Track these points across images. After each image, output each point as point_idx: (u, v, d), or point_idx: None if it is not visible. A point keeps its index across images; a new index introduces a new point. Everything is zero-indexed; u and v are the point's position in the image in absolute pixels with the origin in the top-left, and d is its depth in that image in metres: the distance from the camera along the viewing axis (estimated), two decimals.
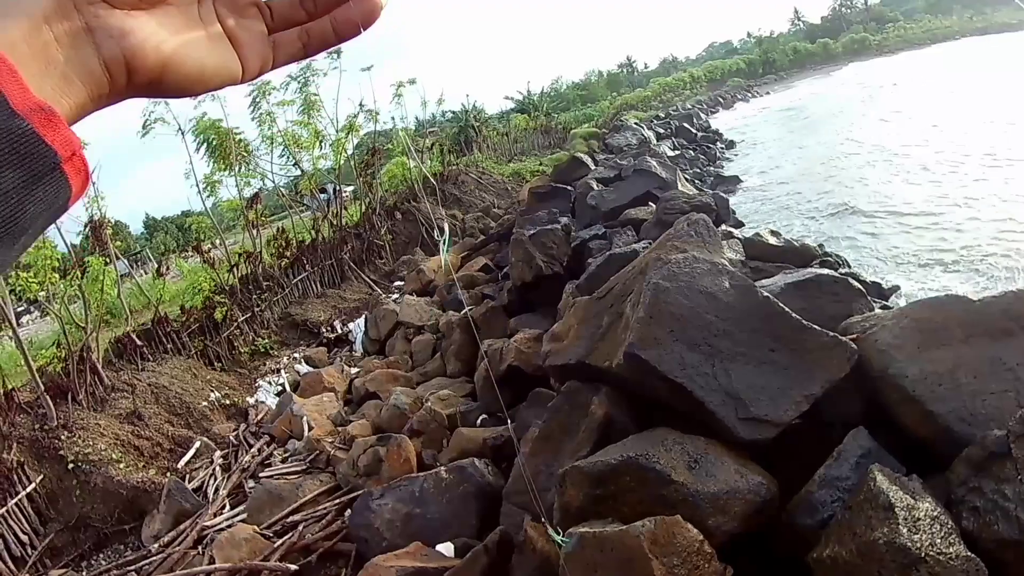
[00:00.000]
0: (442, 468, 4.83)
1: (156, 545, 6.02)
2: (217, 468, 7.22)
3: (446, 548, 4.28)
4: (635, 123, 27.70)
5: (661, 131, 26.95)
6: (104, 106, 0.54)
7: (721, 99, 51.56)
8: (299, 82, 15.37)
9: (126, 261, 15.70)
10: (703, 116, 36.85)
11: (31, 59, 0.47)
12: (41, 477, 6.71)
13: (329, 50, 0.66)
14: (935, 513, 2.41)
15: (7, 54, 0.45)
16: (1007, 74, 25.14)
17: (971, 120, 17.05)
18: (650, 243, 5.11)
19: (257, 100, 14.86)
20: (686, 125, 29.09)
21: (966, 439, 2.76)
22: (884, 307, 4.61)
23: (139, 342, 9.08)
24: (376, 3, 0.62)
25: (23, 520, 6.51)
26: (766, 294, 3.47)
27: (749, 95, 55.94)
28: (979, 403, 2.93)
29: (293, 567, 4.87)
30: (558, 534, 2.55)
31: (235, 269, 11.61)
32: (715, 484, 2.79)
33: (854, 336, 3.38)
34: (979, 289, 6.65)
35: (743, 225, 9.30)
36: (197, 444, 7.73)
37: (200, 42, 0.57)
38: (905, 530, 2.28)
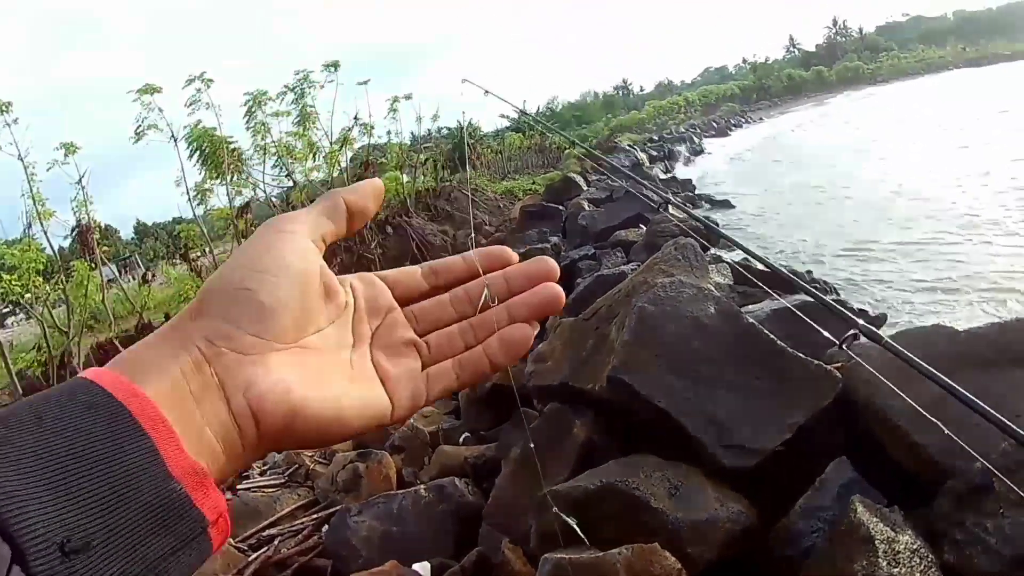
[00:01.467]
0: (421, 486, 4.77)
1: None
2: None
3: (422, 568, 4.21)
4: (629, 145, 27.84)
5: (654, 153, 27.09)
6: (241, 466, 0.53)
7: (715, 124, 51.84)
8: (296, 93, 15.37)
9: (113, 267, 15.60)
10: (696, 140, 37.03)
11: (175, 417, 0.46)
12: None
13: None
14: (915, 546, 2.38)
15: (163, 414, 0.45)
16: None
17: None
18: (639, 265, 5.10)
19: (252, 110, 14.82)
20: (679, 148, 29.23)
21: (949, 471, 2.73)
22: (871, 336, 4.60)
23: (121, 349, 8.98)
24: (526, 333, 0.63)
25: None
26: (751, 320, 3.45)
27: (743, 120, 56.27)
28: (963, 435, 2.91)
29: None
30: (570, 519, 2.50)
31: None
32: (695, 512, 2.75)
33: (839, 364, 3.36)
34: (969, 320, 6.66)
35: (733, 249, 9.28)
36: None
37: (341, 383, 0.55)
38: (885, 563, 2.25)
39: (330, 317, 0.58)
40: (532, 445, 3.83)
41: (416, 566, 4.21)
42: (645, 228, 8.27)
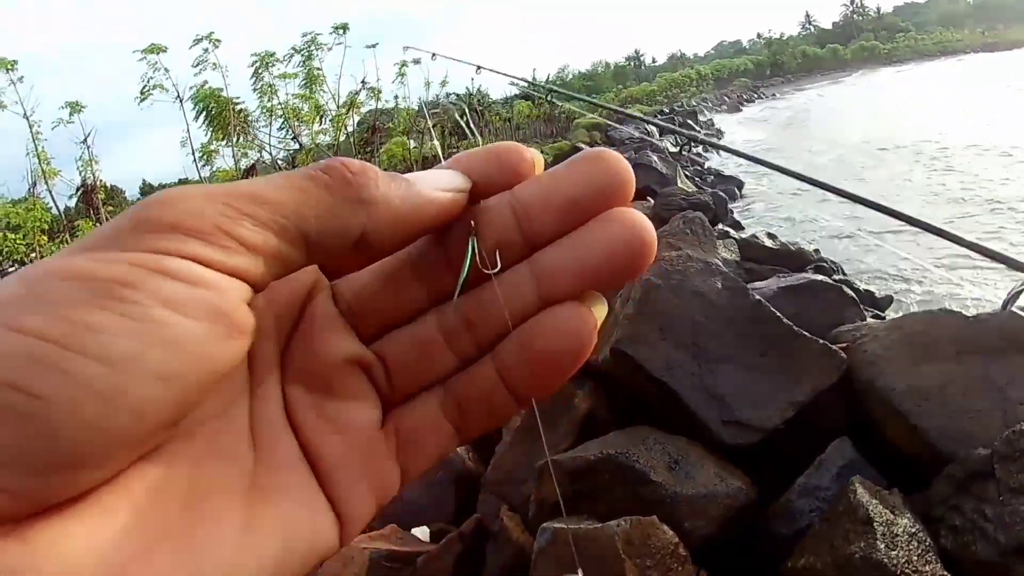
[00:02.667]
0: None
1: None
2: None
3: (421, 532, 4.25)
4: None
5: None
6: None
7: (727, 98, 51.39)
8: (303, 55, 15.23)
9: None
10: (707, 113, 36.73)
11: None
12: None
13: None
14: (913, 530, 2.38)
15: None
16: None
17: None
18: None
19: (259, 71, 14.71)
20: (689, 122, 28.99)
21: (950, 456, 2.73)
22: (877, 317, 4.59)
23: None
24: (587, 324, 0.34)
25: None
26: (758, 297, 3.43)
27: (755, 96, 55.74)
28: (966, 421, 2.90)
29: None
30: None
31: None
32: (694, 486, 2.76)
33: (844, 345, 3.35)
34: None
35: (740, 225, 9.24)
36: None
37: (224, 535, 0.27)
38: (882, 546, 2.25)
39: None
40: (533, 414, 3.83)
41: (415, 530, 4.25)
42: (653, 201, 8.22)
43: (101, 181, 12.43)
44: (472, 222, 0.33)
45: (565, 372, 0.33)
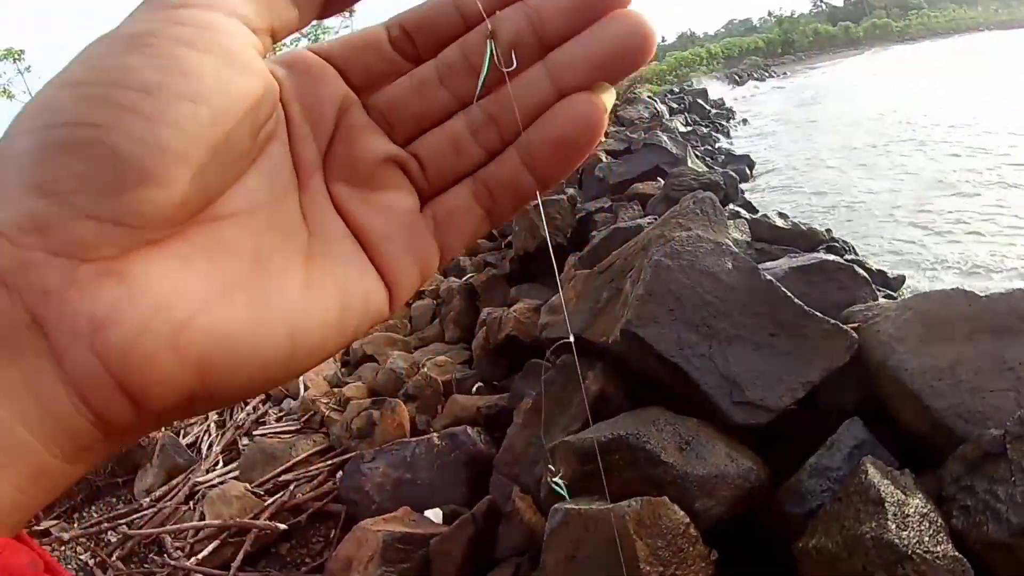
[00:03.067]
0: (434, 435, 4.83)
1: (148, 499, 6.05)
2: (212, 424, 7.24)
3: (434, 514, 4.29)
4: (648, 96, 27.34)
5: (674, 106, 26.61)
6: (99, 459, 0.29)
7: (737, 77, 50.92)
8: (310, 39, 15.16)
9: None
10: (718, 88, 36.42)
11: None
12: None
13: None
14: (925, 510, 2.38)
15: None
16: None
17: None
18: (656, 219, 5.05)
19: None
20: (700, 101, 28.73)
21: (962, 436, 2.72)
22: (888, 297, 4.56)
23: None
24: (597, 108, 0.36)
25: None
26: (769, 277, 3.42)
27: (766, 75, 55.18)
28: (978, 401, 2.89)
29: (282, 526, 4.89)
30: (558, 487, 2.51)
31: None
32: (705, 467, 2.76)
33: (855, 325, 3.33)
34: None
35: (751, 205, 9.19)
36: None
37: (286, 287, 0.32)
38: (893, 526, 2.25)
39: (253, 151, 0.33)
40: (544, 395, 3.85)
41: (428, 512, 4.29)
42: (663, 181, 8.17)
43: None
44: (489, 27, 0.37)
45: (581, 153, 0.37)
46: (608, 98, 0.37)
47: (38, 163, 0.26)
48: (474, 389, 5.90)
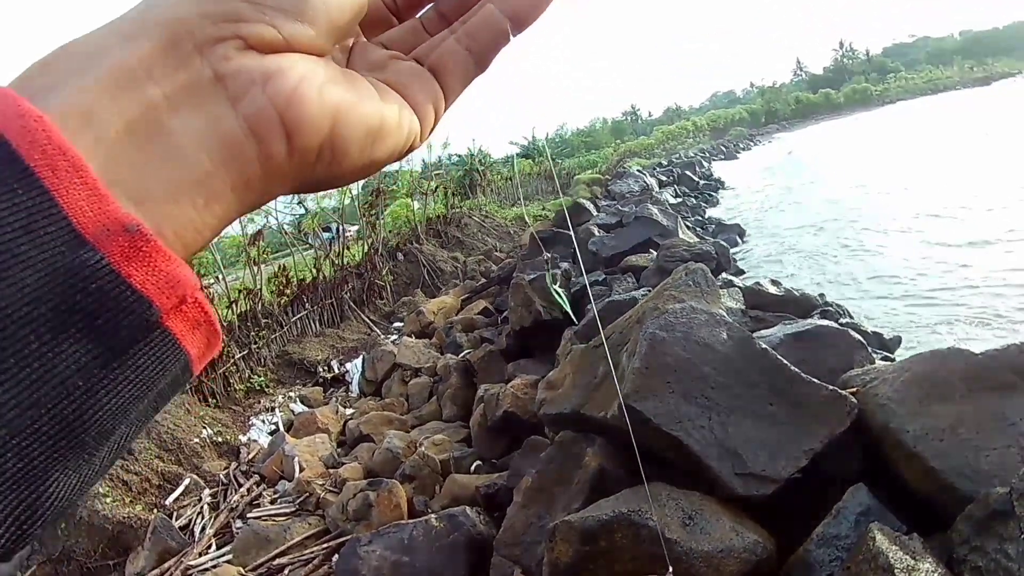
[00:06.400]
0: (433, 516, 4.73)
1: None
2: (205, 506, 7.09)
3: None
4: (638, 170, 27.88)
5: (663, 178, 27.12)
6: (254, 202, 0.36)
7: (724, 148, 51.95)
8: None
9: None
10: (705, 164, 37.11)
11: (124, 138, 0.30)
12: None
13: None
14: (936, 574, 2.32)
15: (81, 128, 0.29)
16: None
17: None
18: (649, 290, 5.08)
19: None
20: (688, 173, 29.28)
21: (968, 496, 2.68)
22: (886, 359, 4.55)
23: None
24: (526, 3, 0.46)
25: None
26: (764, 346, 3.42)
27: (752, 144, 56.34)
28: (982, 459, 2.86)
29: None
30: None
31: (234, 305, 11.57)
32: (709, 542, 2.70)
33: (854, 389, 3.32)
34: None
35: (744, 273, 9.28)
36: (186, 481, 7.60)
37: (369, 91, 0.41)
38: None
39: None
40: (543, 473, 3.80)
41: None
42: (656, 253, 8.25)
43: None
44: None
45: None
46: None
47: None
48: (472, 468, 5.81)
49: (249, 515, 6.64)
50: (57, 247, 0.26)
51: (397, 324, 13.06)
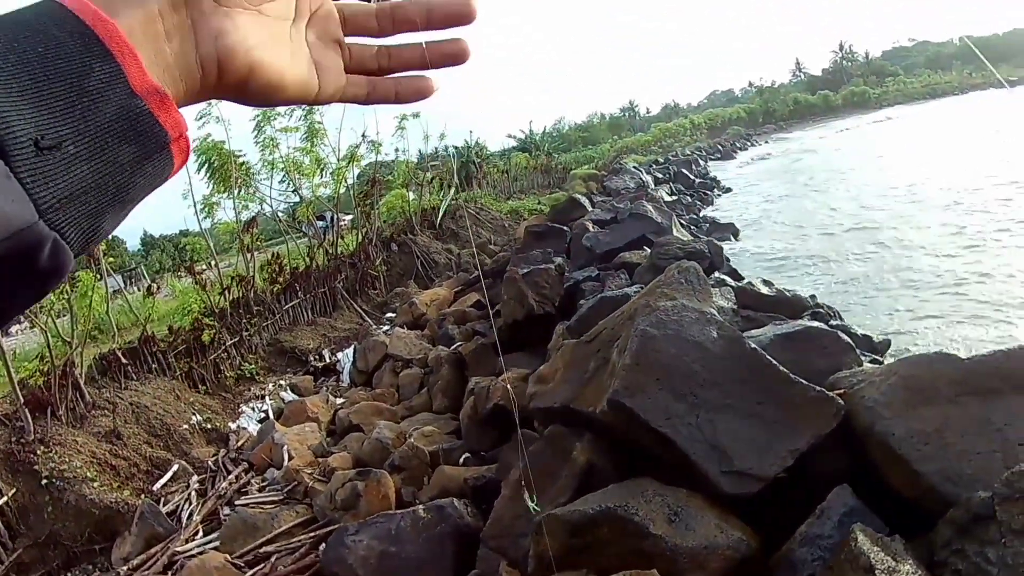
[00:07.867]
0: (420, 507, 4.75)
1: (125, 568, 5.88)
2: (193, 493, 7.10)
3: None
4: (634, 167, 27.89)
5: (659, 176, 27.16)
6: (192, 102, 0.57)
7: (720, 147, 51.95)
8: (304, 109, 15.43)
9: (119, 278, 15.57)
10: (702, 163, 37.12)
11: (145, 47, 0.50)
12: (13, 491, 6.57)
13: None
14: None
15: (130, 33, 0.49)
16: None
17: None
18: (642, 287, 5.09)
19: (261, 125, 14.87)
20: (684, 171, 29.29)
21: (951, 499, 2.71)
22: (874, 362, 4.58)
23: (124, 360, 8.95)
24: (430, 85, 0.68)
25: None
26: (753, 346, 3.44)
27: (748, 144, 56.38)
28: (965, 463, 2.89)
29: None
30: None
31: (227, 292, 11.53)
32: (694, 538, 2.73)
33: (841, 391, 3.34)
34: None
35: (737, 273, 9.29)
36: (175, 467, 7.60)
37: (287, 53, 0.60)
38: None
39: None
40: (528, 468, 3.81)
41: None
42: (649, 250, 8.26)
43: None
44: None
45: (422, 98, 0.69)
46: (436, 87, 0.69)
47: None
48: (461, 460, 5.83)
49: (237, 502, 6.65)
50: (124, 97, 0.46)
51: (389, 315, 13.05)
